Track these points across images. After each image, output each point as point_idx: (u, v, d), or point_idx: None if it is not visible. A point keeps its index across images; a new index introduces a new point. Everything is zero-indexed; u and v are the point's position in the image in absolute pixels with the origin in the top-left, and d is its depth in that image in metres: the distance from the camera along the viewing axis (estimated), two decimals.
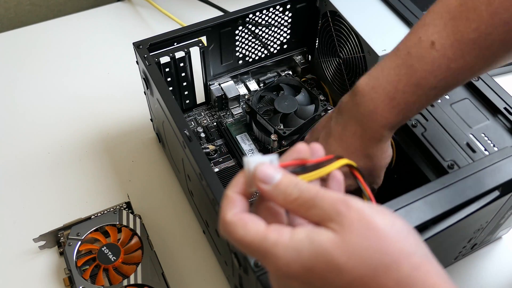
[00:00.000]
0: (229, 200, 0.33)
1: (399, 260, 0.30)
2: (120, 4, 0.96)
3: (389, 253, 0.30)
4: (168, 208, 0.67)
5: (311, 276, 0.30)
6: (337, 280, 0.30)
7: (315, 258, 0.30)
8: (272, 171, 0.32)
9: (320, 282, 0.30)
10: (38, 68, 0.84)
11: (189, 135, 0.51)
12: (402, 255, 0.30)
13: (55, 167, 0.71)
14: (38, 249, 0.62)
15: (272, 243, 0.31)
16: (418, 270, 0.30)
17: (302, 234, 0.31)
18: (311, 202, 0.31)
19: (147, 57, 0.59)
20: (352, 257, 0.29)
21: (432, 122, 0.54)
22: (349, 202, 0.31)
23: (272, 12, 0.67)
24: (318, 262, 0.30)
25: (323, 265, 0.30)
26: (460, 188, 0.46)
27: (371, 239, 0.30)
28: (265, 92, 0.70)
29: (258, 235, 0.31)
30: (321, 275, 0.30)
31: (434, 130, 0.53)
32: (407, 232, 0.31)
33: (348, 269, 0.29)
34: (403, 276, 0.30)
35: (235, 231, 0.32)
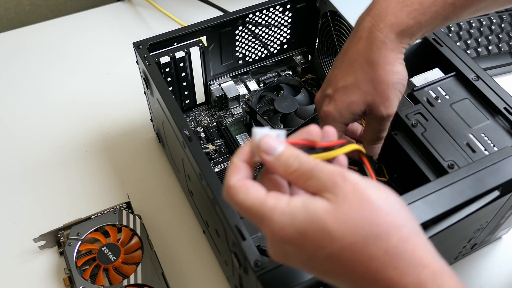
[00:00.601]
0: (234, 167, 0.35)
1: (389, 232, 0.31)
2: (120, 4, 0.96)
3: (380, 224, 0.31)
4: (168, 208, 0.67)
5: (304, 240, 0.31)
6: (328, 245, 0.31)
7: (308, 224, 0.31)
8: (275, 143, 0.34)
9: (312, 246, 0.32)
10: (38, 68, 0.84)
11: (189, 135, 0.51)
12: (392, 227, 0.31)
13: (55, 167, 0.71)
14: (38, 249, 0.62)
15: (269, 208, 0.32)
16: (407, 242, 0.31)
17: (298, 202, 0.32)
18: (310, 173, 0.33)
19: (147, 57, 0.59)
20: (344, 225, 0.31)
21: (432, 122, 0.54)
22: (346, 175, 0.32)
23: (272, 12, 0.67)
24: (311, 227, 0.31)
25: (315, 231, 0.31)
26: (460, 188, 0.46)
27: (363, 210, 0.31)
28: (265, 92, 0.70)
29: (257, 199, 0.33)
30: (313, 240, 0.31)
31: (434, 130, 0.53)
32: (399, 207, 0.33)
33: (339, 235, 0.31)
34: (391, 246, 0.31)
35: (237, 195, 0.33)
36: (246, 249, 0.42)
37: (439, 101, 0.55)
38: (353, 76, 0.47)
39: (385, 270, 0.31)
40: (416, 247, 0.32)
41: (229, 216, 0.45)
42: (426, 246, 0.32)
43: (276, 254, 0.35)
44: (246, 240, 0.43)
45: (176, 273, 0.61)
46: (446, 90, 0.56)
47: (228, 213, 0.45)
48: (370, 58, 0.46)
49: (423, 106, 0.55)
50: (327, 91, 0.49)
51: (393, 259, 0.31)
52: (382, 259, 0.31)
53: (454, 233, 0.50)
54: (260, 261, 0.41)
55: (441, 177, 0.47)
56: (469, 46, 0.81)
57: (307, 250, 0.32)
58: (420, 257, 0.31)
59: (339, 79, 0.48)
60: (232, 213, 0.45)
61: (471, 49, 0.81)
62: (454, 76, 0.57)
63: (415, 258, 0.31)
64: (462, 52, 0.58)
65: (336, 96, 0.48)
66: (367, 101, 0.47)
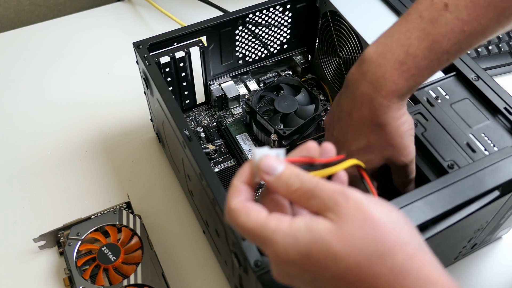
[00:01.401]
0: (234, 189, 0.34)
1: (394, 250, 0.31)
2: (120, 4, 0.96)
3: (384, 242, 0.31)
4: (168, 208, 0.67)
5: (308, 261, 0.31)
6: (332, 266, 0.31)
7: (311, 245, 0.31)
8: (275, 163, 0.34)
9: (316, 267, 0.31)
10: (38, 68, 0.84)
11: (189, 135, 0.51)
12: (397, 245, 0.31)
13: (55, 167, 0.71)
14: (38, 249, 0.62)
15: (271, 230, 0.32)
16: (413, 260, 0.31)
17: (300, 223, 0.32)
18: (311, 193, 0.32)
19: (147, 57, 0.59)
20: (348, 245, 0.30)
21: (432, 122, 0.54)
22: (347, 193, 0.32)
23: (272, 12, 0.67)
24: (315, 248, 0.31)
25: (319, 252, 0.31)
26: (460, 188, 0.46)
27: (367, 228, 0.31)
28: (265, 92, 0.70)
29: (259, 222, 0.32)
30: (317, 261, 0.31)
31: (434, 130, 0.53)
32: (403, 223, 0.32)
33: (343, 256, 0.30)
34: (397, 264, 0.30)
35: (238, 217, 0.33)
36: (246, 249, 0.42)
37: (439, 101, 0.55)
38: (364, 138, 0.47)
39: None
40: (422, 264, 0.31)
41: None
42: (432, 263, 0.32)
43: (280, 275, 0.34)
44: (246, 240, 0.43)
45: (176, 273, 0.61)
46: (446, 90, 0.56)
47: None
48: (378, 122, 0.46)
49: (423, 106, 0.55)
50: (341, 152, 0.48)
51: (399, 277, 0.30)
52: (388, 278, 0.30)
53: (454, 233, 0.50)
54: (260, 261, 0.41)
55: (441, 177, 0.47)
56: None
57: (311, 271, 0.31)
58: (427, 274, 0.31)
59: (351, 142, 0.48)
60: None
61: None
62: (454, 76, 0.57)
63: (422, 275, 0.31)
64: None
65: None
66: (385, 156, 0.47)
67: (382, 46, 0.44)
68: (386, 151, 0.47)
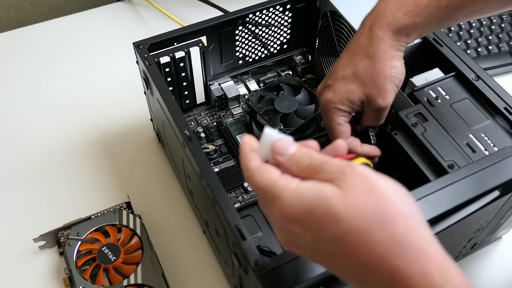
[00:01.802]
0: (251, 152, 0.37)
1: (395, 220, 0.31)
2: (120, 4, 0.96)
3: (387, 212, 0.31)
4: (168, 208, 0.67)
5: (310, 219, 0.32)
6: (333, 227, 0.31)
7: (316, 203, 0.32)
8: (288, 144, 0.36)
9: (317, 227, 0.32)
10: (38, 68, 0.84)
11: (189, 135, 0.51)
12: (400, 216, 0.31)
13: (55, 167, 0.71)
14: (38, 249, 0.62)
15: (281, 188, 0.34)
16: (413, 232, 0.31)
17: (308, 184, 0.33)
18: (320, 167, 0.34)
19: (147, 57, 0.59)
20: (351, 208, 0.31)
21: (432, 122, 0.53)
22: (354, 166, 0.33)
23: (272, 12, 0.67)
24: (318, 207, 0.32)
25: (321, 211, 0.32)
26: (460, 188, 0.46)
27: (371, 197, 0.32)
28: (265, 92, 0.70)
29: (270, 180, 0.34)
30: (319, 220, 0.32)
31: (434, 130, 0.53)
32: (407, 199, 0.33)
33: (345, 218, 0.31)
34: (398, 234, 0.31)
35: (254, 177, 0.35)
36: (246, 249, 0.42)
37: (439, 101, 0.55)
38: (352, 67, 0.50)
39: (389, 257, 0.31)
40: (423, 238, 0.32)
41: (229, 216, 0.45)
42: (432, 240, 0.32)
43: (282, 236, 0.35)
44: (246, 240, 0.43)
45: (176, 273, 0.61)
46: (446, 90, 0.56)
47: (228, 213, 0.45)
48: (370, 52, 0.49)
49: (423, 106, 0.55)
50: (327, 82, 0.52)
51: (398, 247, 0.31)
52: (387, 246, 0.31)
53: (454, 233, 0.50)
54: (260, 261, 0.41)
55: (441, 177, 0.47)
56: (469, 46, 0.81)
57: (312, 230, 0.32)
58: (426, 249, 0.31)
59: (339, 70, 0.51)
60: (232, 213, 0.45)
61: (471, 49, 0.81)
62: (454, 76, 0.57)
63: (422, 249, 0.31)
64: (462, 52, 0.58)
65: (335, 84, 0.51)
66: (365, 92, 0.50)
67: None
68: (367, 87, 0.50)
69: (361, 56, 0.49)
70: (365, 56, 0.49)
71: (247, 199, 0.63)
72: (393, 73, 0.50)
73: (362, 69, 0.49)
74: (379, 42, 0.48)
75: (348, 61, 0.50)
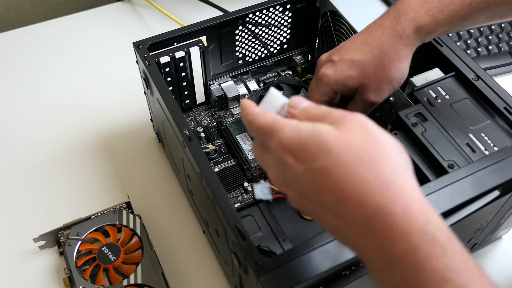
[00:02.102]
0: (253, 104, 0.39)
1: (384, 162, 0.33)
2: (120, 4, 0.96)
3: (377, 153, 0.33)
4: (168, 208, 0.67)
5: (303, 150, 0.34)
6: (323, 160, 0.33)
7: (311, 137, 0.34)
8: (302, 100, 0.38)
9: (309, 158, 0.34)
10: (38, 68, 0.84)
11: (189, 135, 0.51)
12: (389, 160, 0.33)
13: (55, 167, 0.71)
14: (38, 249, 0.62)
15: (282, 123, 0.36)
16: (400, 177, 0.33)
17: (308, 122, 0.36)
18: (326, 114, 0.36)
19: (147, 57, 0.59)
20: (342, 145, 0.33)
21: (432, 122, 0.54)
22: (356, 114, 0.35)
23: (272, 12, 0.67)
24: (313, 141, 0.34)
25: (315, 144, 0.33)
26: (460, 188, 0.46)
27: (365, 140, 0.33)
28: (265, 92, 0.70)
29: (273, 118, 0.37)
30: (311, 153, 0.34)
31: (434, 130, 0.53)
32: (400, 149, 0.34)
33: (335, 152, 0.33)
34: (384, 175, 0.32)
35: (257, 118, 0.37)
36: (246, 249, 0.42)
37: (439, 101, 0.55)
38: (361, 54, 0.50)
39: (372, 194, 0.32)
40: (407, 183, 0.33)
41: (229, 216, 0.45)
42: (417, 187, 0.33)
43: (276, 172, 0.37)
44: (246, 240, 0.43)
45: (176, 273, 0.61)
46: (446, 90, 0.56)
47: (228, 213, 0.45)
48: (383, 47, 0.49)
49: (423, 106, 0.55)
50: (333, 56, 0.52)
51: (382, 186, 0.32)
52: (371, 183, 0.32)
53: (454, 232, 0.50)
54: (260, 261, 0.41)
55: (441, 177, 0.47)
56: (469, 46, 0.81)
57: (304, 161, 0.34)
58: (410, 191, 0.32)
59: (349, 51, 0.51)
60: (232, 213, 0.45)
61: (471, 49, 0.81)
62: (454, 76, 0.57)
63: (405, 191, 0.32)
64: (462, 52, 0.58)
65: (339, 64, 0.51)
66: (363, 82, 0.51)
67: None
68: (366, 78, 0.50)
69: (374, 47, 0.50)
70: (378, 49, 0.50)
71: (247, 199, 0.63)
72: (397, 76, 0.51)
73: (370, 60, 0.50)
74: (396, 40, 0.49)
75: (359, 47, 0.51)
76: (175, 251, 0.63)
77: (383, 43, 0.49)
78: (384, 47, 0.49)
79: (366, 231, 0.32)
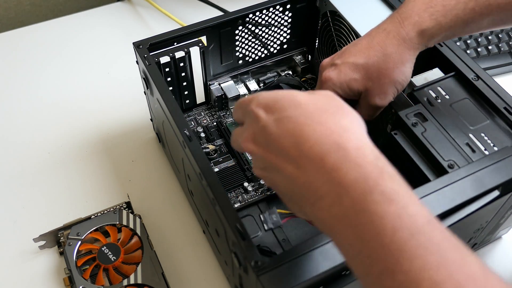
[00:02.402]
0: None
1: (345, 115, 0.37)
2: (120, 4, 0.96)
3: (339, 110, 0.37)
4: (168, 208, 0.67)
5: (276, 103, 0.38)
6: (292, 111, 0.37)
7: (285, 94, 0.38)
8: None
9: (279, 108, 0.37)
10: (38, 68, 0.84)
11: (189, 135, 0.51)
12: (349, 115, 0.37)
13: (55, 167, 0.71)
14: (38, 249, 0.62)
15: (261, 92, 0.40)
16: (357, 127, 0.36)
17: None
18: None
19: (147, 57, 0.59)
20: (312, 102, 0.37)
21: (432, 122, 0.54)
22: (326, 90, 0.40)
23: (272, 12, 0.67)
24: (285, 97, 0.38)
25: (287, 100, 0.37)
26: (460, 188, 0.46)
27: (332, 102, 0.38)
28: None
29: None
30: (282, 104, 0.37)
31: (434, 130, 0.53)
32: (359, 118, 0.38)
33: (304, 105, 0.37)
34: (342, 122, 0.36)
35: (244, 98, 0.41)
36: (246, 249, 0.42)
37: (439, 101, 0.55)
38: (365, 58, 0.50)
39: (330, 134, 0.35)
40: (362, 134, 0.36)
41: (229, 216, 0.45)
42: (370, 141, 0.36)
43: (247, 128, 0.39)
44: (246, 240, 0.43)
45: (176, 273, 0.61)
46: (446, 90, 0.56)
47: (228, 213, 0.45)
48: (387, 51, 0.50)
49: (423, 106, 0.55)
50: (336, 60, 0.53)
51: (340, 129, 0.35)
52: (330, 126, 0.35)
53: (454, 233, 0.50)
54: (260, 261, 0.41)
55: (441, 177, 0.47)
56: (469, 46, 0.81)
57: (274, 111, 0.37)
58: (364, 137, 0.36)
59: (352, 55, 0.51)
60: (232, 213, 0.45)
61: (471, 49, 0.81)
62: (454, 76, 0.57)
63: (359, 136, 0.36)
64: (462, 52, 0.58)
65: (342, 67, 0.51)
66: (367, 86, 0.51)
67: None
68: (370, 82, 0.51)
69: (377, 51, 0.50)
70: (381, 53, 0.50)
71: (247, 199, 0.63)
72: (400, 79, 0.51)
73: (374, 63, 0.50)
74: (400, 43, 0.49)
75: (363, 50, 0.51)
76: (175, 251, 0.63)
77: (387, 47, 0.50)
78: (387, 51, 0.50)
79: (320, 166, 0.34)
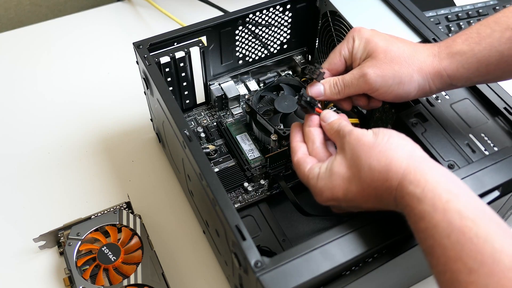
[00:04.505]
0: (293, 148, 0.52)
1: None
2: (120, 4, 0.96)
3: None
4: (168, 208, 0.67)
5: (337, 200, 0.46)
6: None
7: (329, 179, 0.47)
8: (332, 114, 0.51)
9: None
10: (38, 68, 0.84)
11: (189, 135, 0.51)
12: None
13: (55, 167, 0.71)
14: (38, 249, 0.62)
15: (312, 179, 0.48)
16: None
17: (323, 166, 0.47)
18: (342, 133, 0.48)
19: (147, 57, 0.59)
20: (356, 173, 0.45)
21: (432, 122, 0.54)
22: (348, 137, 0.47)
23: (272, 12, 0.67)
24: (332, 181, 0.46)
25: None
26: None
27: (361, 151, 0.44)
28: (265, 92, 0.70)
29: (305, 174, 0.49)
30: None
31: (434, 130, 0.53)
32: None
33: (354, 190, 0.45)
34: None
35: (296, 168, 0.50)
36: (246, 249, 0.42)
37: (439, 101, 0.55)
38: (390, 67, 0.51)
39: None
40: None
41: (229, 216, 0.45)
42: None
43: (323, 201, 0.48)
44: (246, 240, 0.43)
45: (176, 273, 0.61)
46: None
47: (228, 213, 0.45)
48: (416, 66, 0.50)
49: (423, 106, 0.55)
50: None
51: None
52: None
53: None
54: (260, 261, 0.41)
55: None
56: None
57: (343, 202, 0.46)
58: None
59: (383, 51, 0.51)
60: (232, 213, 0.45)
61: None
62: None
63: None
64: None
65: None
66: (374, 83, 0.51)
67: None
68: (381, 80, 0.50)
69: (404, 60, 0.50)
70: (407, 63, 0.49)
71: (247, 199, 0.63)
72: (404, 95, 0.50)
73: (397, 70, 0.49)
74: (428, 63, 0.49)
75: (393, 62, 0.50)
76: (175, 251, 0.63)
77: (417, 63, 0.50)
78: (417, 66, 0.49)
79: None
